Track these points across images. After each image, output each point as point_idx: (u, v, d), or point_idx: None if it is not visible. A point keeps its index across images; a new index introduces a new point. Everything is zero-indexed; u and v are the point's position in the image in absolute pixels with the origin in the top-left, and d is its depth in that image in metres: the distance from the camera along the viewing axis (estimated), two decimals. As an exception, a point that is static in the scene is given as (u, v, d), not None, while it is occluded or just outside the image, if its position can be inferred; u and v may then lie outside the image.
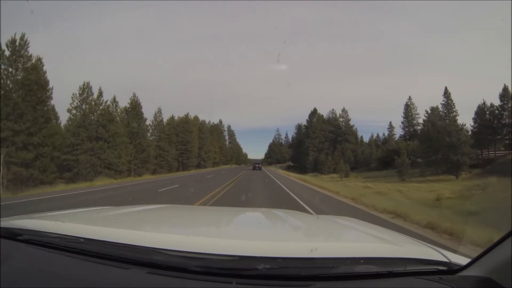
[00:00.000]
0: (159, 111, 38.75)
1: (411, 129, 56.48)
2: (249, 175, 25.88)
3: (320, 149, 60.10)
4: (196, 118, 55.08)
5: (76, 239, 0.88)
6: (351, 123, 67.63)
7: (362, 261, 0.77)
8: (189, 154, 44.43)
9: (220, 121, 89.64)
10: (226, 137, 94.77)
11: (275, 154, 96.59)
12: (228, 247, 0.78)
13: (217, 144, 64.14)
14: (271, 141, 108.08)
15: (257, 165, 44.35)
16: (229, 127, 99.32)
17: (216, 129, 74.54)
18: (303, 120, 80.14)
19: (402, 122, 58.23)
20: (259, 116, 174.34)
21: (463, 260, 0.85)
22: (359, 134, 69.44)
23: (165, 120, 40.30)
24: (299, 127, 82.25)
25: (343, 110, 68.54)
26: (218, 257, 0.75)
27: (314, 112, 65.59)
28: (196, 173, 32.03)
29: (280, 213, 1.90)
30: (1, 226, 1.00)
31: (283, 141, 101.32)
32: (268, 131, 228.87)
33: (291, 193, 11.98)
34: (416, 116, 57.05)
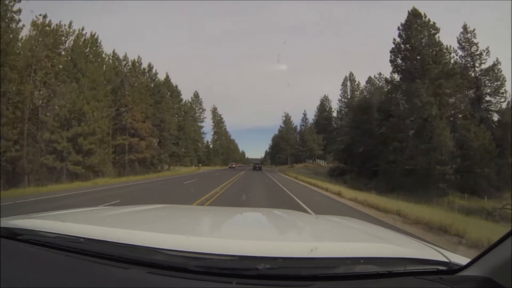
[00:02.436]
0: None
1: None
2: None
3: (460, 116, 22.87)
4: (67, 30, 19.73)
5: (76, 239, 0.88)
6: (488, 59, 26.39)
7: (362, 261, 0.77)
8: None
9: (196, 95, 52.73)
10: (211, 124, 63.28)
11: (289, 146, 56.08)
12: (228, 247, 0.78)
13: (139, 106, 25.40)
14: (270, 139, 74.70)
15: (257, 165, 44.94)
16: (214, 109, 63.71)
17: (137, 72, 28.41)
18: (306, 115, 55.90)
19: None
20: (258, 116, 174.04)
21: (463, 260, 0.85)
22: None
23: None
24: (321, 104, 54.35)
25: (465, 29, 27.40)
26: (218, 257, 0.75)
27: (414, 14, 24.62)
28: None
29: (280, 213, 1.90)
30: (1, 226, 1.00)
31: (299, 127, 60.34)
32: (267, 130, 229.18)
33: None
34: None
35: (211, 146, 63.49)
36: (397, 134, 22.75)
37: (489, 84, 27.30)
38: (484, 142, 19.01)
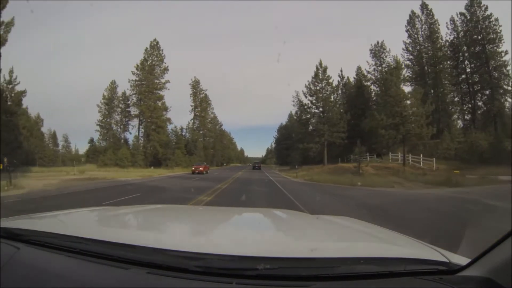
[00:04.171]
0: None
1: None
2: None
3: None
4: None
5: (76, 239, 0.88)
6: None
7: (362, 261, 0.77)
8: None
9: (155, 46, 35.86)
10: (190, 105, 44.51)
11: (327, 125, 29.07)
12: (228, 247, 0.78)
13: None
14: (275, 132, 58.05)
15: (256, 164, 45.84)
16: (195, 83, 45.45)
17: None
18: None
19: None
20: (258, 115, 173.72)
21: (463, 260, 0.85)
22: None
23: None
24: (374, 55, 29.12)
25: None
26: (218, 257, 0.75)
27: None
28: None
29: (280, 214, 1.91)
30: (1, 226, 1.00)
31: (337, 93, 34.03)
32: (267, 129, 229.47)
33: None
34: None
35: (186, 135, 41.71)
36: None
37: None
38: None
